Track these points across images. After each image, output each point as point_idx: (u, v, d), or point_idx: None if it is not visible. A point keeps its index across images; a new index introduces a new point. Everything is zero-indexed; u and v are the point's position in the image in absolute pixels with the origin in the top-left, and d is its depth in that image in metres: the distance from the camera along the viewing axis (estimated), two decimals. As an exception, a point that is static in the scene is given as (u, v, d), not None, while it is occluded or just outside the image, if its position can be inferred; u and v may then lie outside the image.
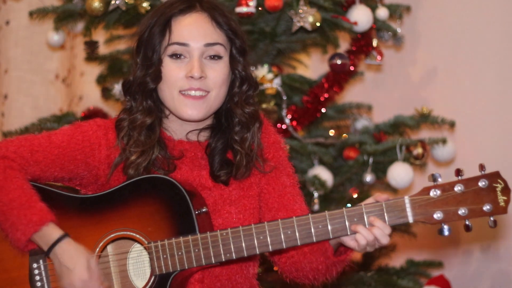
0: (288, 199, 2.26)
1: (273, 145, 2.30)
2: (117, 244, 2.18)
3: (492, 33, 3.90)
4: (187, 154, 2.24)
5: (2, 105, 4.24)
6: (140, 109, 2.22)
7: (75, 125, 2.24)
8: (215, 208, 2.21)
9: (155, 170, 2.20)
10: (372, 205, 2.05)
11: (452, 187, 2.02)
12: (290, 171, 2.30)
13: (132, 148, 2.19)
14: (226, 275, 2.22)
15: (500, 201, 2.00)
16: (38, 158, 2.17)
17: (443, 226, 2.02)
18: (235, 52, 2.23)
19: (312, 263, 2.19)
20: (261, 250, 2.09)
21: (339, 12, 3.53)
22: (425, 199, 2.03)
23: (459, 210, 2.01)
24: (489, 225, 2.01)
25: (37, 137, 2.20)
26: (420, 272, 3.83)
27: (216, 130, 2.27)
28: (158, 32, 2.20)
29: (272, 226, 2.08)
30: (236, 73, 2.24)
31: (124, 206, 2.16)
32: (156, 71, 2.20)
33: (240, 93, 2.25)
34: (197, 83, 2.17)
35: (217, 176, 2.22)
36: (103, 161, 2.22)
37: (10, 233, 2.11)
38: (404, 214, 2.03)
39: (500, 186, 2.01)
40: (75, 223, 2.17)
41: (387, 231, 2.04)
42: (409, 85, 4.24)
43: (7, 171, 2.12)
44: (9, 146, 2.17)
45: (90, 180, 2.23)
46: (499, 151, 3.84)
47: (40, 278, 2.16)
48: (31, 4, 3.90)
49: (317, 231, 2.06)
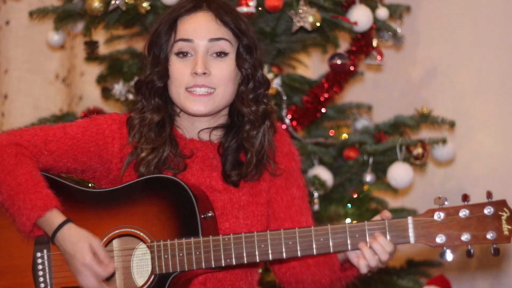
0: (296, 211, 2.26)
1: (287, 155, 2.29)
2: (124, 240, 2.19)
3: (492, 33, 3.90)
4: (198, 153, 2.25)
5: (2, 105, 4.24)
6: (150, 108, 2.24)
7: (91, 118, 2.27)
8: (223, 212, 2.21)
9: (166, 168, 2.21)
10: (375, 223, 2.04)
11: (457, 212, 2.00)
12: (301, 184, 2.30)
13: (143, 145, 2.20)
14: (229, 280, 2.21)
15: (504, 229, 1.98)
16: (52, 148, 2.19)
17: (445, 250, 2.01)
18: (242, 50, 2.23)
19: (315, 276, 2.19)
20: (261, 258, 2.08)
21: (339, 12, 3.53)
22: (428, 221, 2.01)
23: (462, 235, 1.99)
24: (492, 253, 1.99)
25: (52, 127, 2.23)
26: (420, 272, 3.83)
27: (229, 129, 2.27)
28: (165, 31, 2.22)
29: (274, 235, 2.07)
30: (242, 71, 2.24)
31: (131, 203, 2.17)
32: (162, 70, 2.22)
33: (246, 92, 2.24)
34: (202, 80, 2.18)
35: (228, 176, 2.22)
36: (116, 155, 2.23)
37: (16, 217, 2.13)
38: (406, 234, 2.02)
39: (505, 215, 1.98)
40: (81, 216, 2.17)
41: (389, 248, 2.03)
42: (409, 85, 4.24)
43: (18, 156, 2.15)
44: (24, 134, 2.20)
45: (103, 173, 2.25)
46: (499, 151, 3.84)
47: (42, 268, 2.17)
48: (31, 4, 3.90)
49: (318, 244, 2.05)
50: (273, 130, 2.27)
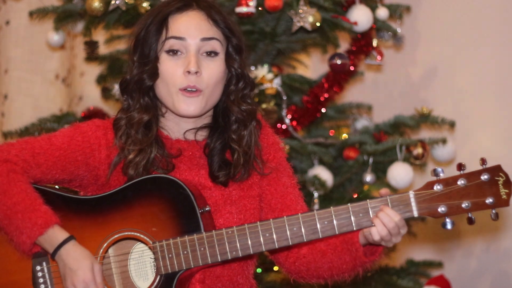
0: (291, 200, 2.26)
1: (273, 146, 2.30)
2: (118, 245, 2.18)
3: (492, 33, 3.90)
4: (185, 153, 2.24)
5: (2, 105, 4.24)
6: (137, 107, 2.22)
7: (74, 126, 2.24)
8: (216, 208, 2.21)
9: (154, 169, 2.20)
10: (377, 200, 2.06)
11: (455, 181, 2.05)
12: (290, 172, 2.31)
13: (130, 147, 2.19)
14: (227, 275, 2.21)
15: (502, 194, 2.03)
16: (40, 161, 2.17)
17: (446, 220, 2.05)
18: (232, 50, 2.24)
19: (333, 263, 2.18)
20: (267, 247, 2.09)
21: (339, 12, 3.54)
22: (429, 193, 2.05)
23: (463, 203, 2.03)
24: (491, 218, 2.04)
25: (38, 139, 2.20)
26: (420, 272, 3.83)
27: (213, 129, 2.27)
28: (155, 29, 2.21)
29: (278, 223, 2.08)
30: (232, 70, 2.24)
31: (128, 206, 2.16)
32: (152, 68, 2.20)
33: (236, 91, 2.25)
34: (193, 79, 2.17)
35: (216, 177, 2.22)
36: (103, 161, 2.22)
37: (15, 237, 2.11)
38: (409, 208, 2.05)
39: (501, 180, 2.03)
40: (78, 224, 2.17)
41: (396, 217, 2.04)
42: (409, 85, 4.24)
43: (10, 174, 2.13)
44: (11, 149, 2.17)
45: (90, 181, 2.23)
46: (499, 151, 3.84)
47: (43, 281, 2.15)
48: (31, 4, 3.90)
49: (323, 227, 2.07)
50: (259, 127, 2.28)
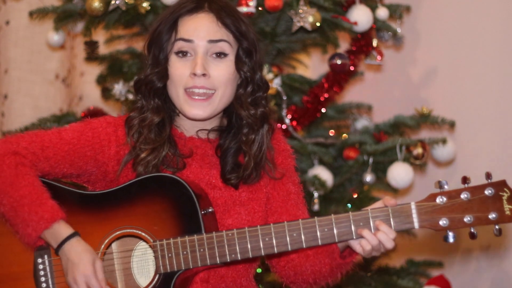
0: (292, 205, 2.27)
1: (283, 152, 2.31)
2: (122, 241, 2.19)
3: (492, 33, 3.90)
4: (197, 151, 2.25)
5: (2, 105, 4.24)
6: (150, 108, 2.24)
7: (85, 121, 2.26)
8: (225, 208, 2.22)
9: (165, 167, 2.21)
10: (379, 210, 2.05)
11: (459, 195, 2.02)
12: (296, 180, 2.31)
13: (142, 146, 2.20)
14: (231, 276, 2.22)
15: (506, 209, 2.00)
16: (49, 154, 2.18)
17: (448, 233, 2.03)
18: (242, 53, 2.23)
19: (314, 266, 2.19)
20: (266, 251, 2.09)
21: (339, 12, 3.54)
22: (431, 205, 2.03)
23: (465, 217, 2.01)
24: (494, 233, 2.01)
25: (48, 132, 2.21)
26: (420, 272, 3.83)
27: (226, 131, 2.27)
28: (166, 30, 2.22)
29: (278, 228, 2.08)
30: (241, 74, 2.24)
31: (131, 204, 2.17)
32: (162, 70, 2.22)
33: (244, 95, 2.24)
34: (201, 81, 2.18)
35: (227, 179, 2.22)
36: (112, 158, 2.23)
37: (20, 229, 2.12)
38: (410, 220, 2.03)
39: (506, 195, 2.00)
40: (82, 219, 2.17)
41: (392, 235, 2.04)
42: (409, 85, 4.24)
43: (18, 167, 2.14)
44: (20, 141, 2.18)
45: (99, 177, 2.24)
46: (499, 151, 3.84)
47: (44, 273, 2.16)
48: (31, 4, 3.90)
49: (323, 235, 2.06)
50: (271, 131, 2.28)
